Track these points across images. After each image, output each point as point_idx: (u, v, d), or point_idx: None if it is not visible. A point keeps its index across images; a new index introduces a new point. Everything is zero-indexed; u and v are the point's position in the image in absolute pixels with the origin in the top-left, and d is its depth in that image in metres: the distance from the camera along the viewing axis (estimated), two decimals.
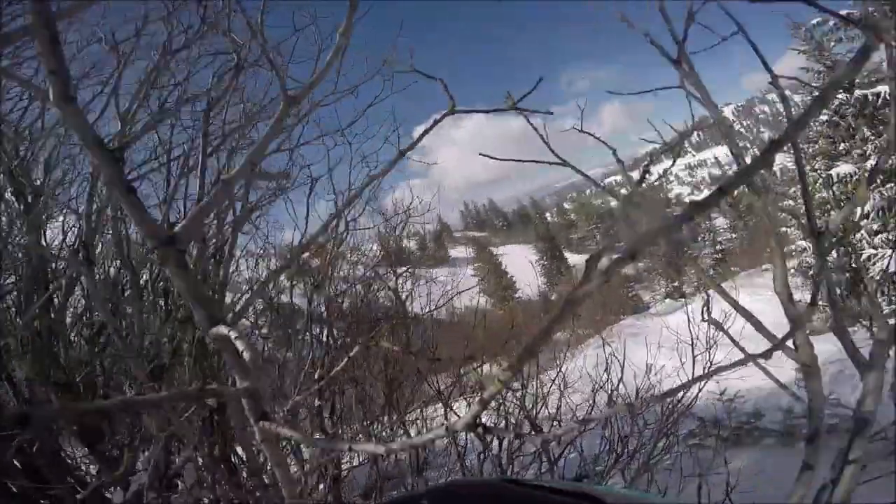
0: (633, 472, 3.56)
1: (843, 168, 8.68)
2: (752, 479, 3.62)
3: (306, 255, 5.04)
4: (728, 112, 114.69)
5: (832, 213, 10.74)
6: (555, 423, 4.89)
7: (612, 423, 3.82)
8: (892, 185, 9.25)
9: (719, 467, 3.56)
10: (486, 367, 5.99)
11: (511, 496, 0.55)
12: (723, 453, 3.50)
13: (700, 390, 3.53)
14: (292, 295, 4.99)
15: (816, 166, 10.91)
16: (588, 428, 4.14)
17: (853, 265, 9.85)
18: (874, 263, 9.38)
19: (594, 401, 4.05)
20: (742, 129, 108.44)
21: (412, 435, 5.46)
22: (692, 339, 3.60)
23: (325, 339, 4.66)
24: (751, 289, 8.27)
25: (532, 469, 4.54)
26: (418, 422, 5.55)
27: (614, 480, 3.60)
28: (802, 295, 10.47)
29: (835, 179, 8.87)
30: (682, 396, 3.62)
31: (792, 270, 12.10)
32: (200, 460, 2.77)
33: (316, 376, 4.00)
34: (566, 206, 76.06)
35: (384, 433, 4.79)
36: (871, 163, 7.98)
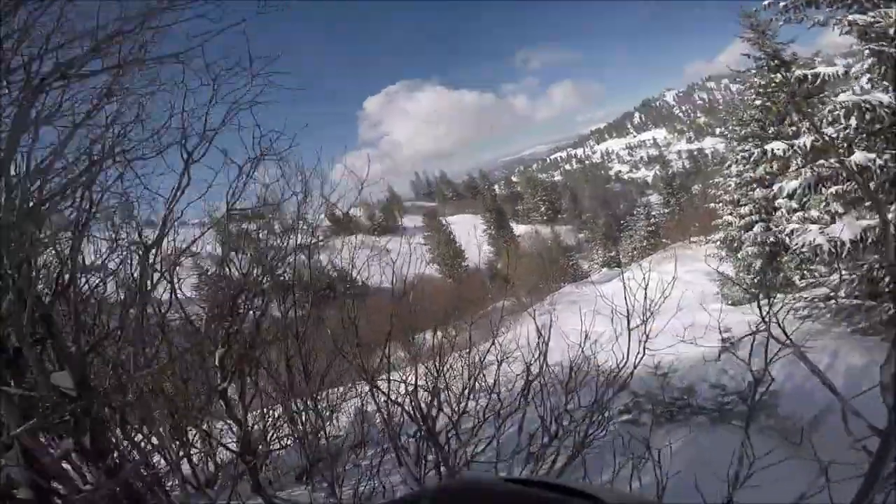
0: (570, 450, 3.50)
1: (775, 145, 9.07)
2: (686, 459, 3.72)
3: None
4: (669, 97, 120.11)
5: (758, 190, 11.22)
6: (493, 394, 4.83)
7: (546, 400, 3.74)
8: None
9: (654, 447, 3.60)
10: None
11: (511, 496, 0.55)
12: (657, 431, 3.57)
13: (636, 366, 3.47)
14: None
15: (748, 147, 11.35)
16: (521, 406, 4.07)
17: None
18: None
19: (528, 375, 3.95)
20: (680, 114, 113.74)
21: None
22: (628, 308, 3.54)
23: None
24: (682, 260, 8.49)
25: (471, 447, 4.46)
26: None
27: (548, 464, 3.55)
28: (724, 267, 10.79)
29: (769, 156, 9.27)
30: (619, 370, 3.58)
31: (718, 243, 12.59)
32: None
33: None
34: (514, 178, 77.67)
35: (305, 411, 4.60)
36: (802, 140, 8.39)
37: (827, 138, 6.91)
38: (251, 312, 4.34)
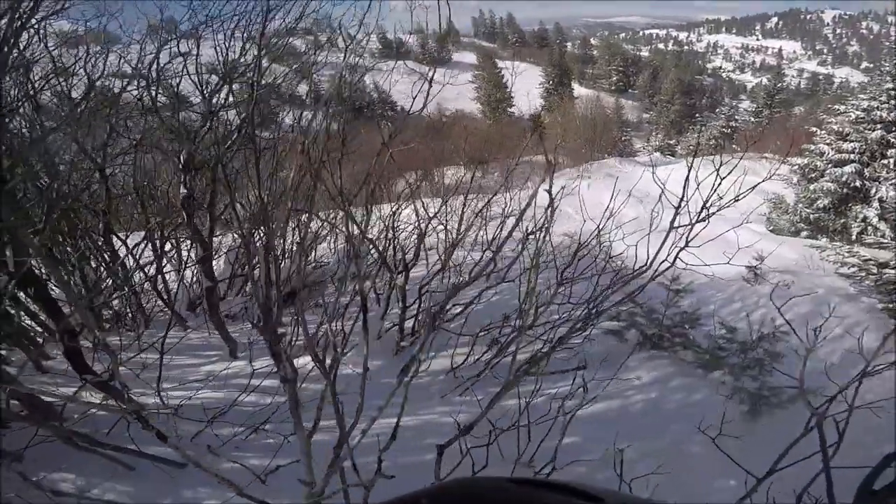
0: (540, 345, 3.15)
1: None
2: (646, 400, 3.38)
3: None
4: (828, 16, 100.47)
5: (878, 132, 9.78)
6: (489, 253, 4.43)
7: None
8: None
9: (625, 374, 3.24)
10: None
11: (512, 496, 0.55)
12: (635, 356, 3.19)
13: (656, 273, 2.88)
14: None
15: None
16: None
17: None
18: None
19: (524, 244, 3.44)
20: (830, 35, 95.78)
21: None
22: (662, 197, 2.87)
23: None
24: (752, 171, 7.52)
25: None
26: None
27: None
28: (787, 193, 9.66)
29: None
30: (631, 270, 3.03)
31: (796, 168, 11.32)
32: None
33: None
34: (592, 41, 69.73)
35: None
36: None
37: None
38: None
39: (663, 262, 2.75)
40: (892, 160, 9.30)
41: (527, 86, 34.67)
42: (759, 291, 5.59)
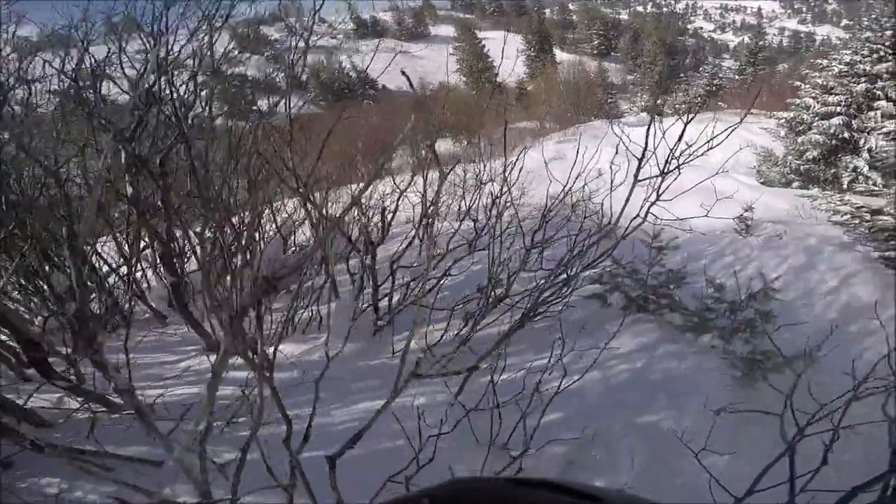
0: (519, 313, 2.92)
1: None
2: (634, 363, 3.18)
3: None
4: None
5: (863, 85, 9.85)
6: (467, 222, 4.20)
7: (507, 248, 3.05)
8: None
9: (611, 337, 3.02)
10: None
11: (514, 496, 0.56)
12: (617, 321, 2.95)
13: (626, 231, 2.64)
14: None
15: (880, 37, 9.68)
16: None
17: None
18: None
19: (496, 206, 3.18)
20: None
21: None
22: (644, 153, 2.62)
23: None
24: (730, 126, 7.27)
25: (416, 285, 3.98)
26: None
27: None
28: (775, 146, 9.63)
29: None
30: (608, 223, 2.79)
31: (783, 121, 11.42)
32: None
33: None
34: (571, 6, 68.43)
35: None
36: None
37: None
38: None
39: (635, 218, 2.53)
40: (879, 112, 9.30)
41: (506, 52, 34.15)
42: (751, 243, 5.40)
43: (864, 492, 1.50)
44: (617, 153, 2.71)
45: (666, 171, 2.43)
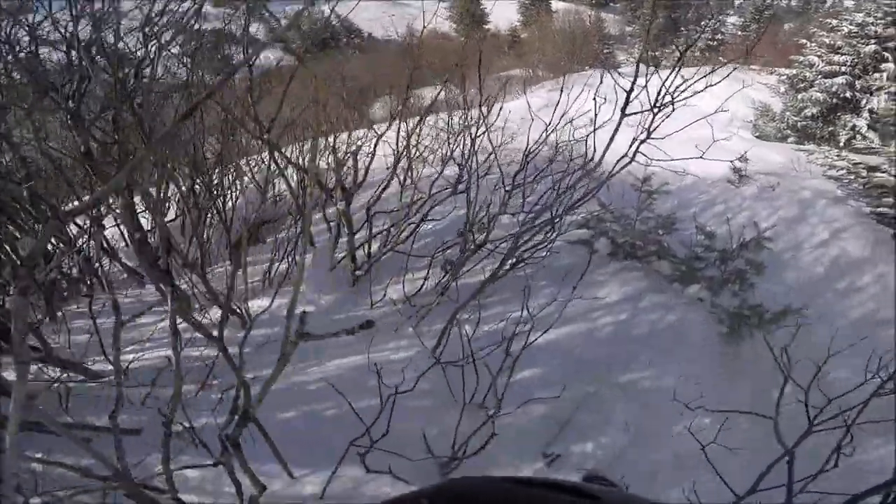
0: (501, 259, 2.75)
1: None
2: (618, 315, 3.06)
3: None
4: None
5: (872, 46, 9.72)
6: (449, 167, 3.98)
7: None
8: None
9: (596, 286, 2.87)
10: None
11: (513, 496, 0.55)
12: (605, 269, 2.83)
13: (613, 171, 2.46)
14: None
15: None
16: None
17: None
18: None
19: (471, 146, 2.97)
20: None
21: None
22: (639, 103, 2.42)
23: None
24: (731, 81, 7.10)
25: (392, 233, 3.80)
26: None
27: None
28: (774, 101, 9.50)
29: None
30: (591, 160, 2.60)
31: (784, 77, 11.35)
32: None
33: None
34: None
35: None
36: None
37: None
38: None
39: (623, 157, 2.35)
40: (885, 73, 9.14)
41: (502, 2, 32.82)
42: (744, 193, 5.30)
43: (863, 500, 1.37)
44: (606, 101, 2.51)
45: (658, 105, 2.22)
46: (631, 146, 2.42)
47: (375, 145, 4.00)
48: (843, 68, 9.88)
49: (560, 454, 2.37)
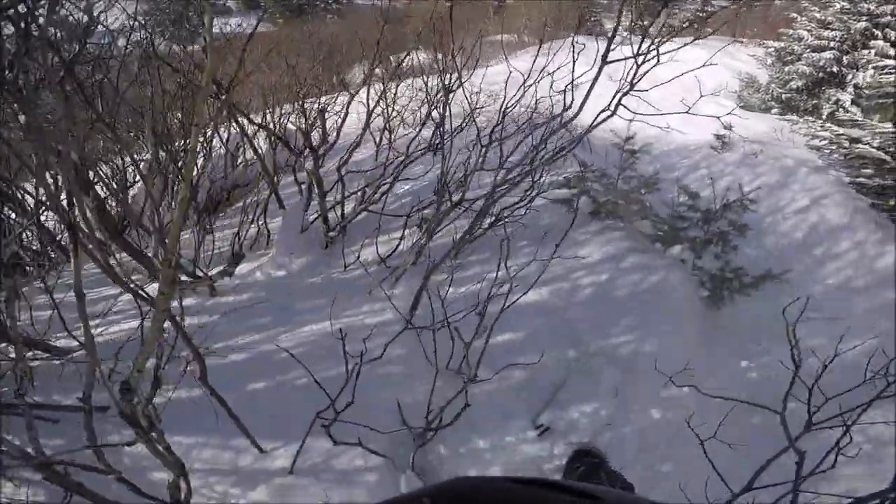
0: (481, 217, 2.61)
1: None
2: (599, 276, 3.01)
3: None
4: None
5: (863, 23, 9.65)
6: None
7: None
8: None
9: (577, 245, 2.76)
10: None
11: (514, 496, 0.55)
12: (587, 227, 2.73)
13: (595, 122, 2.33)
14: None
15: None
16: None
17: None
18: None
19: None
20: None
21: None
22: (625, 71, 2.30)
23: None
24: (719, 53, 7.11)
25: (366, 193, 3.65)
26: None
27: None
28: (760, 73, 9.46)
29: None
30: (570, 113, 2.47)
31: (772, 50, 11.35)
32: None
33: None
34: None
35: None
36: None
37: None
38: None
39: (604, 110, 2.23)
40: (874, 50, 9.08)
41: None
42: (726, 159, 5.27)
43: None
44: (585, 47, 2.37)
45: (641, 54, 2.09)
46: (613, 99, 2.30)
47: (348, 105, 3.82)
48: (832, 43, 9.75)
49: (549, 426, 2.31)
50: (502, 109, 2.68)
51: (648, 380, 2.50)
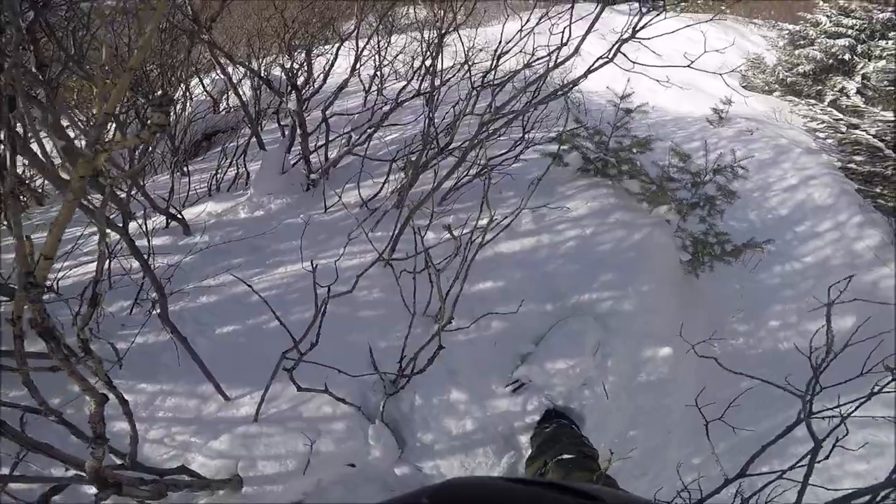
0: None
1: None
2: (584, 230, 2.92)
3: None
4: None
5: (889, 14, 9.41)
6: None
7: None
8: None
9: (563, 199, 2.69)
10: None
11: (514, 496, 0.56)
12: (575, 183, 2.66)
13: (602, 64, 2.24)
14: None
15: None
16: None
17: None
18: None
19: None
20: None
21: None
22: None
23: None
24: (728, 32, 7.04)
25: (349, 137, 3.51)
26: None
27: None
28: (769, 55, 9.37)
29: None
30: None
31: (785, 33, 11.13)
32: None
33: None
34: None
35: None
36: None
37: None
38: None
39: (601, 57, 2.14)
40: (892, 41, 9.01)
41: None
42: (721, 133, 5.23)
43: (857, 499, 1.28)
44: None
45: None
46: (612, 47, 2.21)
47: (338, 49, 3.66)
48: (850, 31, 9.78)
49: (524, 383, 2.29)
50: (497, 53, 2.57)
51: (625, 339, 2.51)
